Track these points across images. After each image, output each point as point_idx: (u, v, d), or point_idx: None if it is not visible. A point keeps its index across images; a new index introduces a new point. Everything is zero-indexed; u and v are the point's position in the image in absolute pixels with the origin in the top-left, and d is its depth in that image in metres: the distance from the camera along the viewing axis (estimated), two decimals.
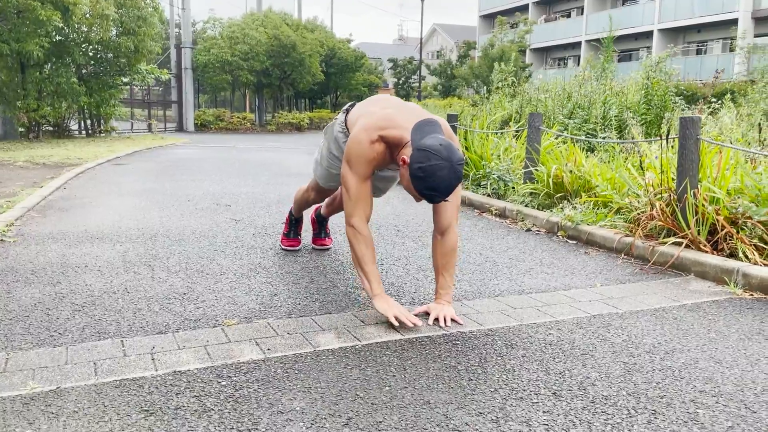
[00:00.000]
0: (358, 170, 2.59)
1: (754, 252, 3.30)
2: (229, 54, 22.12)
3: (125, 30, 14.24)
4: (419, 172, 2.35)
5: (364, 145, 2.56)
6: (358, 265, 2.63)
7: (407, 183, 2.48)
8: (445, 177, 2.34)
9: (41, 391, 1.90)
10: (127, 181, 7.20)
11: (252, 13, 24.82)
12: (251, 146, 14.36)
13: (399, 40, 58.96)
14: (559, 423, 1.77)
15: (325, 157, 3.15)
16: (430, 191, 2.39)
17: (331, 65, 27.53)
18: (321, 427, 1.72)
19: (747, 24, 26.23)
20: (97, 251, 3.66)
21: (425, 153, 2.35)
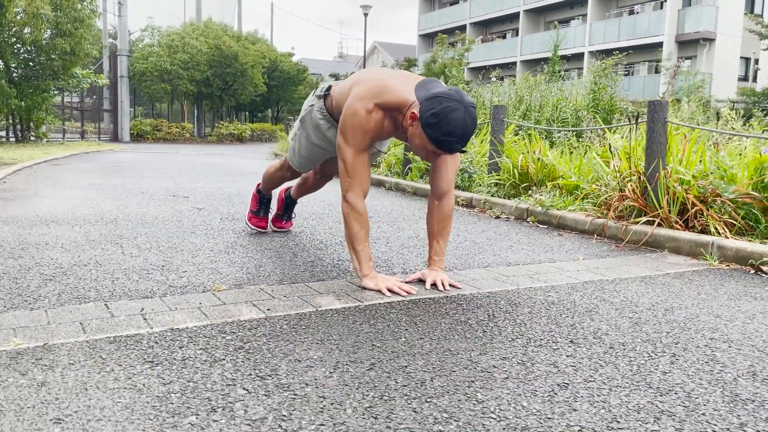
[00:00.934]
0: (356, 142, 2.47)
1: (725, 228, 3.40)
2: (169, 63, 21.64)
3: (60, 31, 13.69)
4: (432, 118, 2.23)
5: (360, 115, 2.42)
6: (350, 242, 2.53)
7: (419, 140, 2.32)
8: (460, 118, 2.22)
9: (28, 347, 1.73)
10: (70, 177, 6.86)
11: (192, 22, 24.39)
12: (195, 153, 14.01)
13: (339, 57, 59.15)
14: (585, 364, 1.73)
15: (304, 146, 3.03)
16: (447, 136, 2.24)
17: (273, 78, 27.32)
18: (345, 372, 1.62)
19: (671, 47, 27.60)
20: (55, 232, 3.43)
21: (436, 98, 2.25)
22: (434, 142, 2.27)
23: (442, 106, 2.23)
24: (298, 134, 3.06)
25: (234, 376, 1.57)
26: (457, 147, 2.28)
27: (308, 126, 2.94)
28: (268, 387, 1.52)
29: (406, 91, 2.42)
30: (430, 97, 2.27)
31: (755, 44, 26.27)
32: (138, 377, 1.55)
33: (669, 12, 27.43)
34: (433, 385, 1.56)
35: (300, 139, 3.04)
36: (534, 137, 5.31)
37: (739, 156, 4.04)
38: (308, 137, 2.97)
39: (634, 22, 28.90)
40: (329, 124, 2.84)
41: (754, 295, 2.56)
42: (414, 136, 2.35)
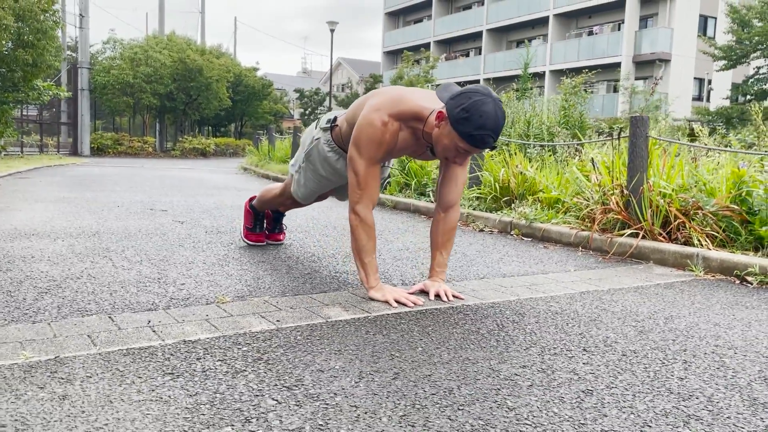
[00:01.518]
0: (369, 154, 2.42)
1: (707, 239, 3.49)
2: (131, 76, 21.31)
3: (22, 42, 13.35)
4: (463, 113, 2.17)
5: (375, 125, 2.37)
6: (357, 255, 2.51)
7: (448, 140, 2.25)
8: (491, 111, 2.16)
9: (40, 360, 1.67)
10: (39, 190, 6.68)
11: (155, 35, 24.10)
12: (161, 167, 13.79)
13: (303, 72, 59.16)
14: (603, 371, 1.75)
15: (312, 180, 2.96)
16: (480, 130, 2.16)
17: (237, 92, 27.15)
18: (371, 381, 1.61)
19: (629, 67, 28.41)
20: (38, 245, 3.34)
21: (464, 94, 2.21)
22: (466, 138, 2.21)
23: (471, 101, 2.18)
24: (303, 167, 2.96)
25: (260, 387, 1.55)
26: (490, 141, 2.21)
27: (315, 160, 2.86)
28: (297, 397, 1.50)
29: (423, 101, 2.39)
30: (458, 94, 2.24)
31: (708, 65, 27.25)
32: (161, 389, 1.52)
33: (626, 33, 28.27)
34: (461, 393, 1.57)
35: (306, 173, 2.95)
36: (515, 151, 5.39)
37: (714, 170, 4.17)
38: (315, 170, 2.89)
39: (593, 43, 29.68)
40: (338, 155, 2.78)
41: (745, 304, 2.63)
42: (442, 137, 2.28)
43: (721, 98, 27.75)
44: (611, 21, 30.10)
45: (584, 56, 29.30)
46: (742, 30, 22.90)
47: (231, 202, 6.10)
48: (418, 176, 6.14)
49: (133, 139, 22.75)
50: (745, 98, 25.00)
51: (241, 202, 6.12)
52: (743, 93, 24.85)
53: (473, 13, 36.12)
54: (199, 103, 23.62)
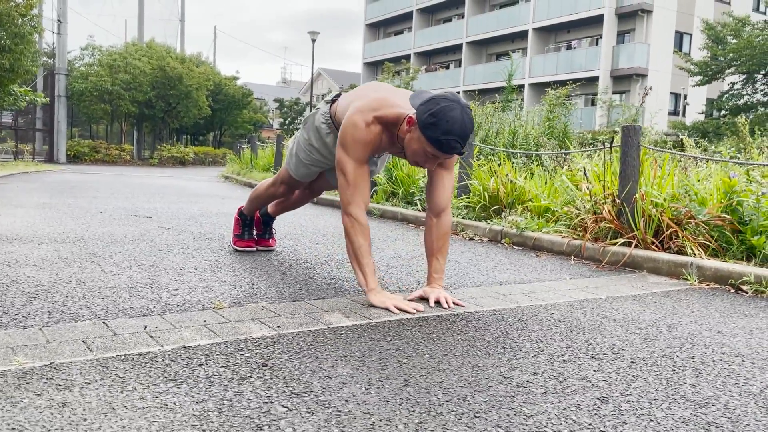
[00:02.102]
0: (356, 154, 2.45)
1: (700, 249, 3.50)
2: (110, 83, 21.07)
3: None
4: (430, 118, 2.22)
5: (359, 127, 2.42)
6: (354, 257, 2.47)
7: (417, 144, 2.32)
8: (458, 117, 2.22)
9: (34, 366, 1.59)
10: (18, 196, 6.52)
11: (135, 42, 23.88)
12: (140, 175, 13.61)
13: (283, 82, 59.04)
14: (615, 379, 1.72)
15: (302, 147, 2.98)
16: (446, 135, 2.22)
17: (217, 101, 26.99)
18: (381, 388, 1.56)
19: (606, 81, 28.79)
20: (22, 250, 3.23)
21: (432, 101, 2.27)
22: (433, 142, 2.25)
23: (439, 107, 2.23)
24: (297, 135, 3.03)
25: (268, 394, 1.49)
26: (456, 146, 2.26)
27: (309, 128, 2.91)
28: (308, 404, 1.45)
29: (404, 106, 2.43)
30: (427, 100, 2.29)
31: (684, 80, 27.72)
32: (166, 396, 1.45)
33: (604, 48, 28.66)
34: (476, 400, 1.52)
35: (299, 141, 3.00)
36: (504, 161, 5.39)
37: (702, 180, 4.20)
38: (308, 140, 2.92)
39: (572, 57, 30.03)
40: (329, 129, 2.79)
41: (743, 313, 2.63)
42: (412, 141, 2.34)
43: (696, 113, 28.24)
44: (589, 36, 30.51)
45: (563, 70, 29.62)
46: (717, 46, 23.35)
47: (216, 210, 6.02)
48: (405, 185, 6.11)
49: (110, 146, 22.47)
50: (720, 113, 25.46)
51: (225, 210, 6.04)
52: (718, 108, 25.29)
53: (453, 26, 36.39)
54: (179, 111, 23.43)
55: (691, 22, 29.38)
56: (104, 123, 26.21)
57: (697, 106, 28.53)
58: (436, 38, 37.25)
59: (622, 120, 22.12)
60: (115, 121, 24.68)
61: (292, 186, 3.22)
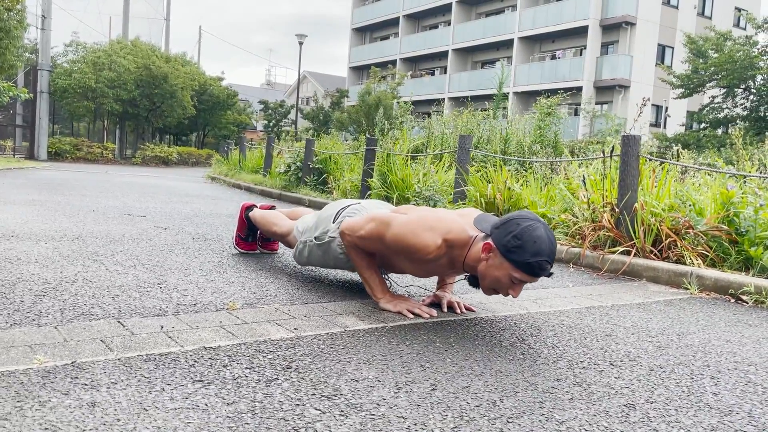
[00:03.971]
0: (389, 245, 2.27)
1: (699, 259, 3.55)
2: (94, 80, 20.82)
3: None
4: (515, 240, 2.04)
5: (425, 247, 2.18)
6: (359, 271, 2.47)
7: (499, 272, 2.09)
8: (544, 235, 2.04)
9: (56, 365, 1.57)
10: (5, 192, 6.41)
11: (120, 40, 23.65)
12: (125, 174, 13.47)
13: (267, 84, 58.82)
14: (637, 386, 1.73)
15: (315, 258, 2.77)
16: (536, 257, 2.01)
17: (201, 101, 26.80)
18: (410, 392, 1.56)
19: (590, 91, 29.11)
20: (21, 247, 3.18)
21: (511, 222, 2.09)
22: (523, 267, 2.04)
23: (521, 228, 2.05)
24: (310, 246, 2.76)
25: (298, 396, 1.48)
26: (547, 268, 2.05)
27: (325, 252, 2.68)
28: (340, 407, 1.44)
29: (467, 226, 2.24)
30: (504, 222, 2.12)
31: (665, 93, 28.11)
32: (195, 397, 1.43)
33: (588, 59, 28.97)
34: (505, 405, 1.52)
35: (312, 252, 2.76)
36: (499, 167, 5.41)
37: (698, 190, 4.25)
38: (322, 257, 2.73)
39: (556, 67, 30.32)
40: (348, 259, 2.61)
41: (747, 322, 2.66)
42: (492, 270, 2.11)
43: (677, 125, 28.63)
44: (574, 46, 30.84)
45: (547, 79, 29.90)
46: (698, 60, 23.71)
47: (209, 210, 5.97)
48: (399, 189, 6.11)
49: (92, 144, 22.20)
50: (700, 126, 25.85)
51: (218, 210, 6.00)
52: (698, 121, 25.68)
53: (440, 33, 36.56)
54: (163, 111, 23.23)
55: (673, 35, 29.84)
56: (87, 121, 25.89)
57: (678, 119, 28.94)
58: (423, 44, 37.39)
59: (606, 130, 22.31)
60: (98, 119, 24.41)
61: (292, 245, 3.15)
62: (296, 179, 8.92)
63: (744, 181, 4.24)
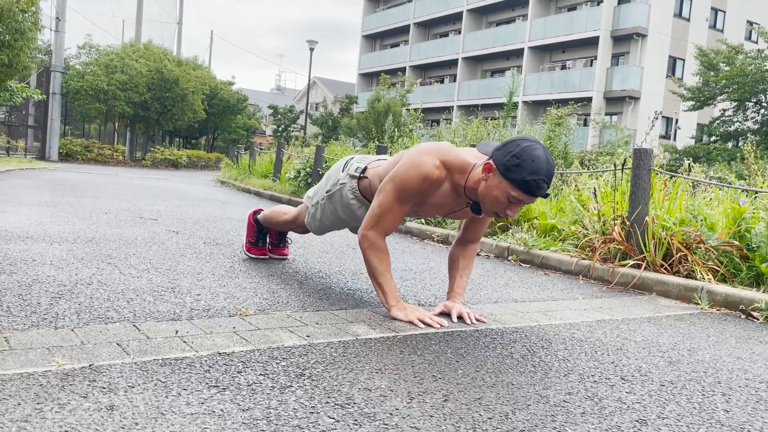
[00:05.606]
0: (403, 195, 2.35)
1: (709, 273, 3.54)
2: (106, 82, 20.98)
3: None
4: (514, 159, 2.12)
5: (422, 169, 2.28)
6: (372, 276, 2.48)
7: (498, 191, 2.18)
8: (543, 157, 2.12)
9: (74, 368, 1.59)
10: (19, 193, 6.47)
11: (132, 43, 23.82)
12: (136, 176, 13.55)
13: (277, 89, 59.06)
14: (649, 401, 1.74)
15: (328, 218, 2.87)
16: (533, 175, 2.10)
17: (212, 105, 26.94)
18: (422, 402, 1.57)
19: (600, 102, 29.08)
20: (36, 249, 3.21)
21: (512, 143, 2.17)
22: (520, 185, 2.13)
23: (521, 147, 2.14)
24: (322, 204, 2.86)
25: (312, 404, 1.50)
26: (544, 187, 2.14)
27: (337, 202, 2.77)
28: (353, 416, 1.45)
29: (467, 156, 2.34)
30: (505, 144, 2.20)
31: (676, 105, 28.06)
32: (211, 402, 1.45)
33: (598, 70, 28.96)
34: (518, 418, 1.53)
35: (324, 210, 2.86)
36: None
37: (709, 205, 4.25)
38: (335, 211, 2.81)
39: (566, 77, 30.32)
40: (360, 204, 2.69)
41: (758, 339, 2.66)
42: (491, 189, 2.20)
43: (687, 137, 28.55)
44: (584, 57, 30.82)
45: (557, 89, 29.89)
46: (709, 73, 23.67)
47: (219, 214, 6.00)
48: None
49: (103, 146, 22.37)
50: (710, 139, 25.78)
51: (228, 215, 6.03)
52: (709, 134, 25.62)
53: (450, 41, 36.64)
54: (174, 114, 23.36)
55: (684, 47, 29.80)
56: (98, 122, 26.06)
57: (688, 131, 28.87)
58: (433, 52, 37.48)
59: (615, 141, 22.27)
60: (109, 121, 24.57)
61: (306, 231, 3.21)
62: (306, 185, 8.95)
63: (756, 196, 4.24)
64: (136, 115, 22.85)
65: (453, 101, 35.00)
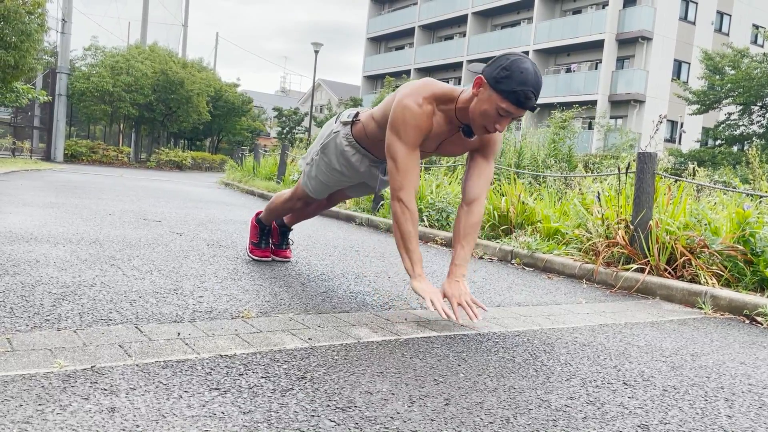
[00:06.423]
0: (407, 138, 2.41)
1: (713, 278, 3.53)
2: (111, 84, 21.05)
3: (5, 44, 13.11)
4: (503, 71, 2.20)
5: (411, 108, 2.37)
6: (401, 243, 2.47)
7: (487, 104, 2.26)
8: (531, 68, 2.20)
9: (76, 370, 1.59)
10: (23, 194, 6.49)
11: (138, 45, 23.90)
12: (141, 178, 13.58)
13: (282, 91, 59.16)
14: (651, 406, 1.73)
15: (323, 172, 2.95)
16: (522, 86, 2.17)
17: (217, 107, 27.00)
18: (424, 406, 1.57)
19: (605, 105, 29.05)
20: (40, 250, 3.22)
21: (502, 57, 2.25)
22: (509, 95, 2.20)
23: (510, 60, 2.22)
24: (316, 160, 2.97)
25: (313, 407, 1.49)
26: (532, 98, 2.21)
27: (331, 153, 2.86)
28: (354, 419, 1.45)
29: (453, 87, 2.44)
30: (495, 59, 2.28)
31: (681, 108, 28.00)
32: (212, 405, 1.45)
33: (603, 73, 28.94)
34: (519, 422, 1.53)
35: (319, 165, 2.96)
36: (513, 180, 5.42)
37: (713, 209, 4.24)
38: (329, 164, 2.89)
39: (571, 80, 30.31)
40: (355, 150, 2.79)
41: (762, 344, 2.65)
42: (481, 103, 2.28)
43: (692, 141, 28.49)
44: (589, 60, 30.81)
45: (562, 92, 29.86)
46: (715, 77, 23.61)
47: (223, 216, 6.01)
48: None
49: (108, 147, 22.44)
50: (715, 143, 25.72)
51: (232, 217, 6.04)
52: (714, 137, 25.55)
53: (455, 44, 36.66)
54: (179, 116, 23.42)
55: (689, 51, 29.74)
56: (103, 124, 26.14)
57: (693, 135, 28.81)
58: (437, 55, 37.50)
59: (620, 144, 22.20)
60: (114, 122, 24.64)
61: (308, 201, 3.23)
62: None
63: (760, 200, 4.22)
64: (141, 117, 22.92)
65: None
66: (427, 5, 38.48)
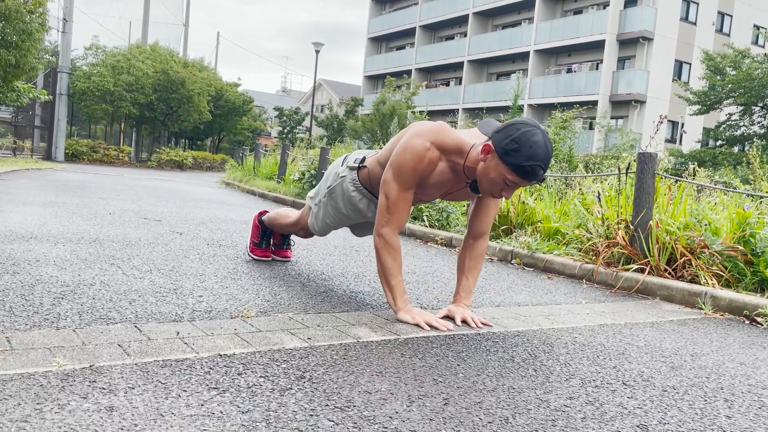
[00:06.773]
0: (403, 179, 2.36)
1: (713, 278, 3.53)
2: (112, 84, 21.05)
3: (6, 43, 13.12)
4: (512, 144, 2.13)
5: (415, 150, 2.31)
6: (384, 276, 2.46)
7: (495, 173, 2.21)
8: (541, 141, 2.13)
9: (74, 369, 1.59)
10: (24, 193, 6.50)
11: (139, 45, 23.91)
12: (141, 177, 13.58)
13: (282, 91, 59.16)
14: (650, 407, 1.73)
15: (331, 215, 2.89)
16: (530, 161, 2.11)
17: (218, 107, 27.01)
18: (422, 406, 1.57)
19: (605, 106, 29.02)
20: (40, 249, 3.22)
21: (512, 126, 2.17)
22: (517, 169, 2.15)
23: (520, 132, 2.14)
24: (323, 202, 2.89)
25: (312, 406, 1.49)
26: (540, 172, 2.16)
27: (338, 197, 2.79)
28: (353, 419, 1.45)
29: (465, 136, 2.37)
30: (505, 126, 2.21)
31: (681, 109, 27.98)
32: (211, 404, 1.45)
33: (604, 73, 28.91)
34: (518, 422, 1.53)
35: (326, 208, 2.88)
36: None
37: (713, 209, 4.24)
38: (336, 207, 2.83)
39: (572, 80, 30.27)
40: (362, 195, 2.72)
41: (762, 345, 2.65)
42: (488, 170, 2.23)
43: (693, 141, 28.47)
44: (590, 60, 30.78)
45: (563, 92, 29.85)
46: (716, 77, 23.59)
47: (223, 216, 6.01)
48: None
49: (109, 147, 22.43)
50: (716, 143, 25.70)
51: (233, 216, 6.04)
52: (714, 138, 25.53)
53: (455, 44, 36.63)
54: (179, 115, 23.43)
55: (691, 51, 29.71)
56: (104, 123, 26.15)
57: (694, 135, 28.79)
58: (438, 55, 37.48)
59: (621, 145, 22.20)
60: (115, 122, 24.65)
61: (309, 233, 3.21)
62: (310, 186, 8.96)
63: (761, 201, 4.22)
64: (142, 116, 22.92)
65: (458, 104, 35.01)
66: (427, 5, 38.46)
